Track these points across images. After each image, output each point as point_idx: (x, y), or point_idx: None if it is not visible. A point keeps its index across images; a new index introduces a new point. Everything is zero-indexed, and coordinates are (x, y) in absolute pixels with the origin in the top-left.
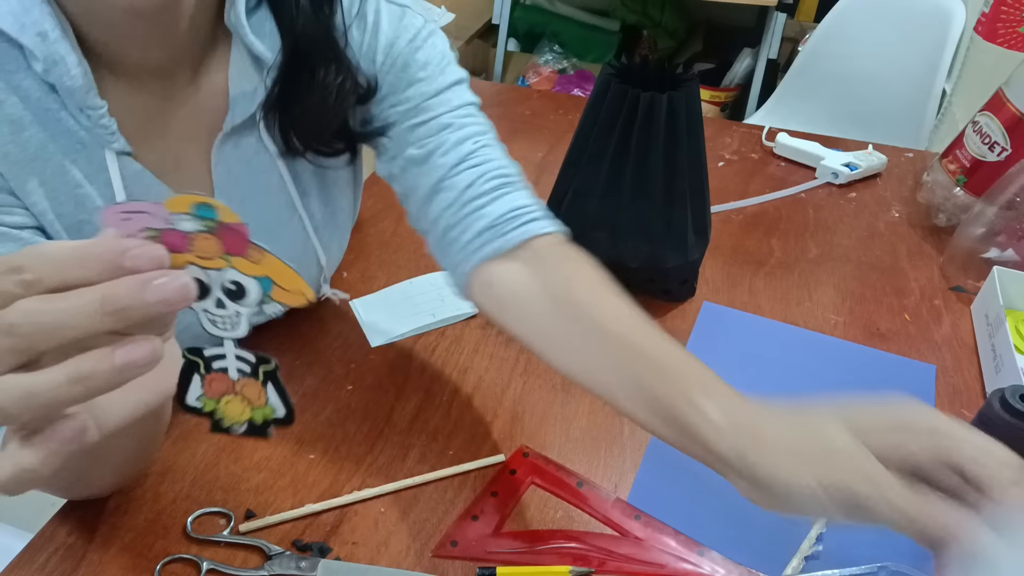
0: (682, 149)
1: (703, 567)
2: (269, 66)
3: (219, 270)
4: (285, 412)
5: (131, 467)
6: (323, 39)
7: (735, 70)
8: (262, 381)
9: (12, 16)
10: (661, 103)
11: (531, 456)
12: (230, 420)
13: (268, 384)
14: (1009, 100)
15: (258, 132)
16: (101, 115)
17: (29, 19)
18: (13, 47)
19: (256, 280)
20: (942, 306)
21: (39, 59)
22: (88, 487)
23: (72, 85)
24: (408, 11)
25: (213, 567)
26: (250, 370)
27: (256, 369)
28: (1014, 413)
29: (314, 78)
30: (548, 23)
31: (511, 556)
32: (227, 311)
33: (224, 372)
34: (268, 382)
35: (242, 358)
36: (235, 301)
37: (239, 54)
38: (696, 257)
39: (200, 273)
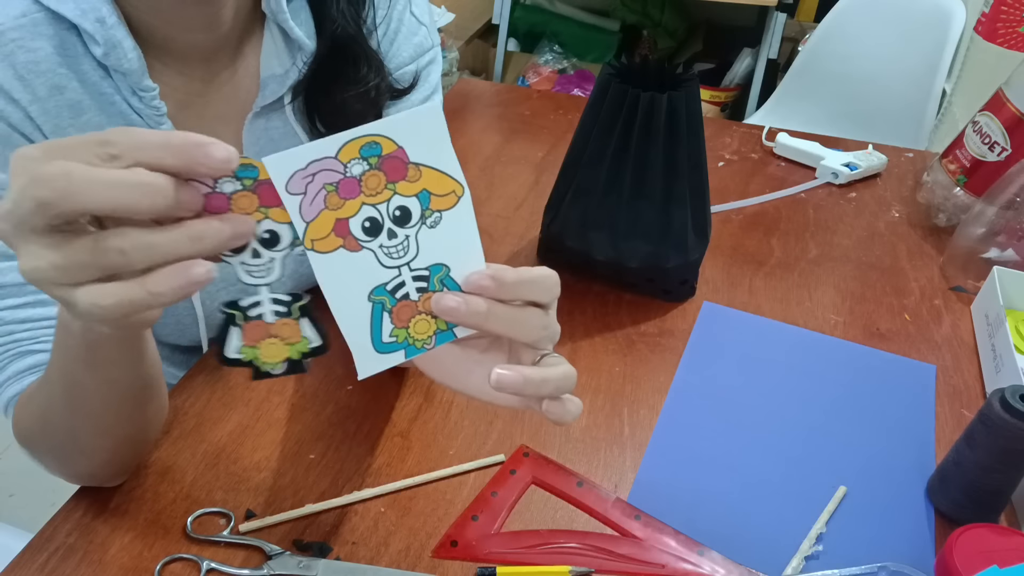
0: (682, 149)
1: (703, 567)
2: (304, 51)
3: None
4: (320, 341)
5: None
6: (355, 35)
7: (735, 70)
8: (297, 317)
9: (72, 2)
10: (661, 103)
11: (531, 456)
12: (269, 363)
13: (302, 319)
14: (1009, 100)
15: (286, 114)
16: (153, 97)
17: (88, 5)
18: (72, 33)
19: (288, 225)
20: (942, 306)
21: (99, 43)
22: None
23: (129, 68)
24: (424, 31)
25: (213, 567)
26: (286, 309)
27: (291, 306)
28: (1014, 413)
29: (352, 72)
30: (548, 23)
31: (511, 556)
32: (262, 259)
33: (260, 319)
34: (303, 316)
35: (277, 300)
36: (269, 249)
37: (271, 38)
38: (696, 257)
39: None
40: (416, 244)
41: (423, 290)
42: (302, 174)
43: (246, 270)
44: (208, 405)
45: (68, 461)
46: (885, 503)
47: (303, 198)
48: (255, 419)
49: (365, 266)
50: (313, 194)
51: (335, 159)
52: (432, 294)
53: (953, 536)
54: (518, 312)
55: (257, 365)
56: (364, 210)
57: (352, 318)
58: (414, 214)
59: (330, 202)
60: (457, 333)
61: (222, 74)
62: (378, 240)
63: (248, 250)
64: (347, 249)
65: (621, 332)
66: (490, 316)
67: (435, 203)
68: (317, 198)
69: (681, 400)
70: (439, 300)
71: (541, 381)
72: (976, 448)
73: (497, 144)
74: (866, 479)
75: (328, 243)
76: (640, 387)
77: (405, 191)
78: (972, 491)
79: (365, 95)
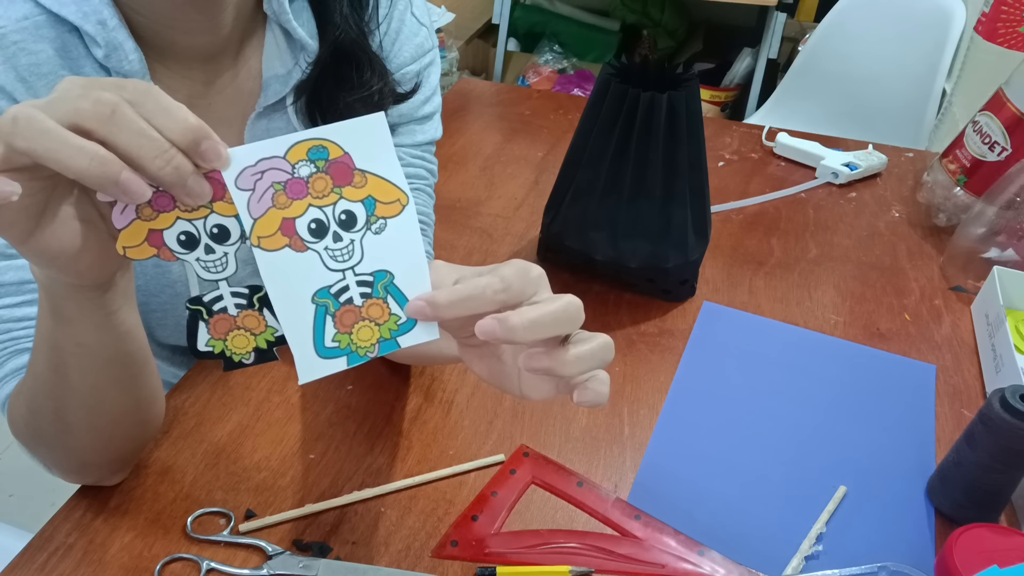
0: (682, 149)
1: (703, 567)
2: (307, 51)
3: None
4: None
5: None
6: (358, 39)
7: (735, 70)
8: (258, 308)
9: (74, 4)
10: (661, 103)
11: (531, 456)
12: (239, 354)
13: (264, 309)
14: (1009, 100)
15: (288, 115)
16: None
17: (89, 7)
18: (74, 35)
19: (235, 219)
20: (942, 306)
21: (100, 45)
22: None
23: (130, 70)
24: (424, 31)
25: (213, 567)
26: (246, 302)
27: (251, 298)
28: (1014, 413)
29: (356, 76)
30: (548, 23)
31: (511, 556)
32: (216, 254)
33: (224, 312)
34: (263, 307)
35: (237, 293)
36: (220, 243)
37: (273, 38)
38: (696, 257)
39: (188, 226)
40: (361, 249)
41: (367, 296)
42: (251, 171)
43: (202, 266)
44: (208, 405)
45: (58, 447)
46: (885, 503)
47: (251, 194)
48: (255, 419)
49: (310, 267)
50: (261, 191)
51: (283, 159)
52: (247, 312)
53: (953, 536)
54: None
55: (228, 356)
56: (311, 211)
57: (295, 319)
58: (359, 219)
59: (278, 201)
60: (401, 343)
61: (224, 75)
62: (323, 242)
63: (201, 246)
64: (293, 249)
65: (621, 332)
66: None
67: (380, 210)
68: (265, 196)
69: (681, 400)
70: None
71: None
72: (976, 448)
73: (497, 144)
74: (866, 479)
75: (274, 241)
76: (640, 387)
77: (351, 196)
78: (972, 491)
79: (369, 99)
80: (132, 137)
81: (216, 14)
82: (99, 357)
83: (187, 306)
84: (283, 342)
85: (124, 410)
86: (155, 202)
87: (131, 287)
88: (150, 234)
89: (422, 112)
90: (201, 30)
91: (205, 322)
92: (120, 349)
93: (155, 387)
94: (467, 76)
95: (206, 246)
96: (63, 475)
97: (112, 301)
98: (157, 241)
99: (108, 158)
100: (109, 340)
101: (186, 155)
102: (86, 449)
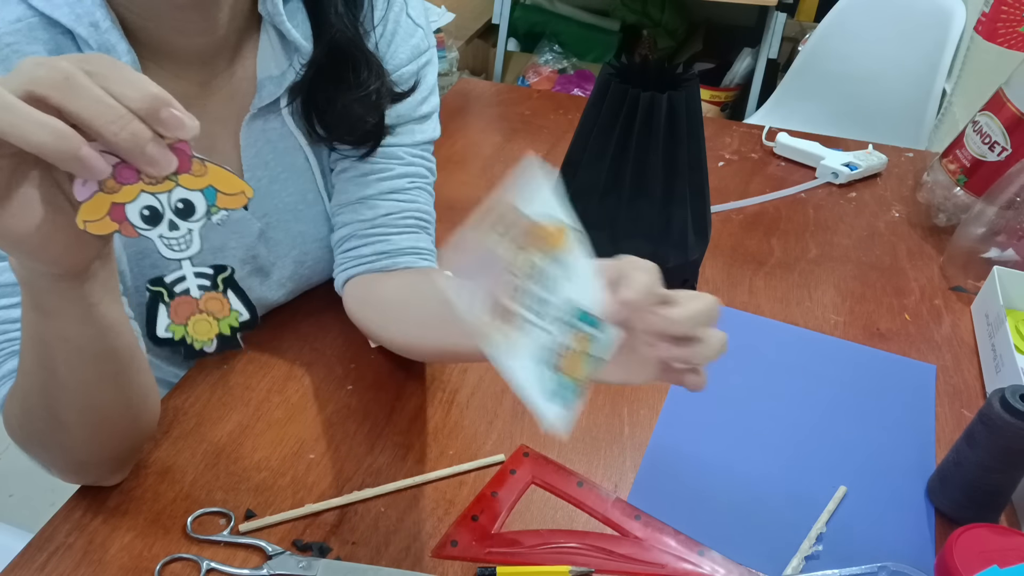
0: (682, 149)
1: (703, 567)
2: (301, 53)
3: (168, 192)
4: (249, 315)
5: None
6: (354, 38)
7: (735, 70)
8: (222, 290)
9: (67, 7)
10: (661, 103)
11: (531, 456)
12: (200, 340)
13: (228, 291)
14: (1009, 100)
15: (283, 116)
16: None
17: (82, 9)
18: (67, 37)
19: (201, 193)
20: (942, 306)
21: (93, 48)
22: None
23: None
24: (420, 32)
25: (213, 567)
26: (210, 283)
27: (215, 279)
28: (1014, 413)
29: (352, 77)
30: (548, 23)
31: (511, 556)
32: (180, 231)
33: (187, 293)
34: (228, 289)
35: (200, 274)
36: (185, 220)
37: (267, 40)
38: (696, 257)
39: (152, 200)
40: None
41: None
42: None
43: (165, 243)
44: (208, 405)
45: (53, 446)
46: (885, 503)
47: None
48: (255, 419)
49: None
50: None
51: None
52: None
53: (953, 536)
54: None
55: (189, 344)
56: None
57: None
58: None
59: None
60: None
61: (219, 77)
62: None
63: (165, 222)
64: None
65: None
66: None
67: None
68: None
69: (681, 400)
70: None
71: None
72: (976, 448)
73: (497, 144)
74: (866, 479)
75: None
76: (640, 387)
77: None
78: (972, 491)
79: (366, 99)
80: (88, 103)
81: (213, 15)
82: (85, 352)
83: (147, 287)
84: (247, 328)
85: (115, 407)
86: (118, 174)
87: (113, 280)
88: (112, 208)
89: (420, 112)
90: (197, 31)
91: (166, 305)
92: (106, 344)
93: (146, 385)
94: (467, 76)
95: (170, 222)
96: (61, 475)
97: (92, 293)
98: (119, 215)
99: (67, 132)
100: (93, 334)
101: (146, 124)
102: (81, 448)
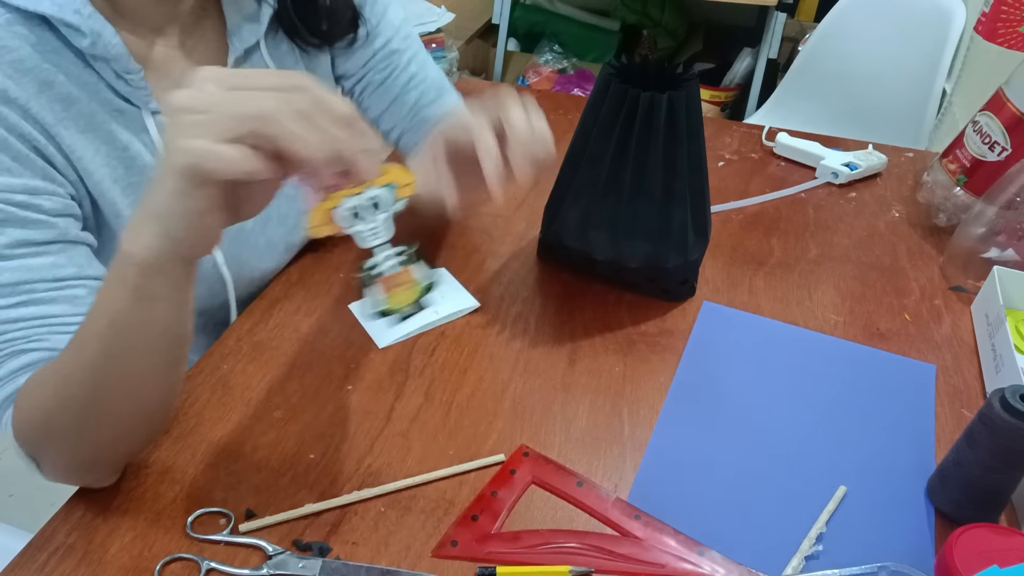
0: (682, 149)
1: (703, 567)
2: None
3: (363, 193)
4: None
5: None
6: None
7: (735, 70)
8: (413, 262)
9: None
10: (661, 103)
11: (531, 456)
12: (403, 306)
13: (417, 263)
14: (1009, 100)
15: (262, 56)
16: (140, 79)
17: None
18: (45, 28)
19: (385, 188)
20: (942, 306)
21: (86, 35)
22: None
23: (115, 53)
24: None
25: (213, 567)
26: (405, 258)
27: (407, 254)
28: (1014, 413)
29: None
30: (548, 23)
31: (511, 556)
32: (375, 224)
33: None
34: (413, 262)
35: (394, 254)
36: (377, 213)
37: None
38: (696, 257)
39: (354, 201)
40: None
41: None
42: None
43: (364, 236)
44: (208, 405)
45: (74, 441)
46: (885, 503)
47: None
48: (255, 419)
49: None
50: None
51: None
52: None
53: (953, 536)
54: None
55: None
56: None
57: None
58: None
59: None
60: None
61: (192, 36)
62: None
63: (362, 218)
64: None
65: (621, 332)
66: None
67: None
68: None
69: (681, 400)
70: None
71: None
72: (976, 448)
73: None
74: (866, 479)
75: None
76: (640, 387)
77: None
78: (972, 491)
79: None
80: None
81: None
82: (165, 335)
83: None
84: (430, 289)
85: (162, 398)
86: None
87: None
88: (327, 213)
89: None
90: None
91: (374, 286)
92: (185, 328)
93: (182, 376)
94: (467, 76)
95: (366, 218)
96: (64, 474)
97: (193, 275)
98: (330, 218)
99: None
100: (180, 318)
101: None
102: (106, 445)
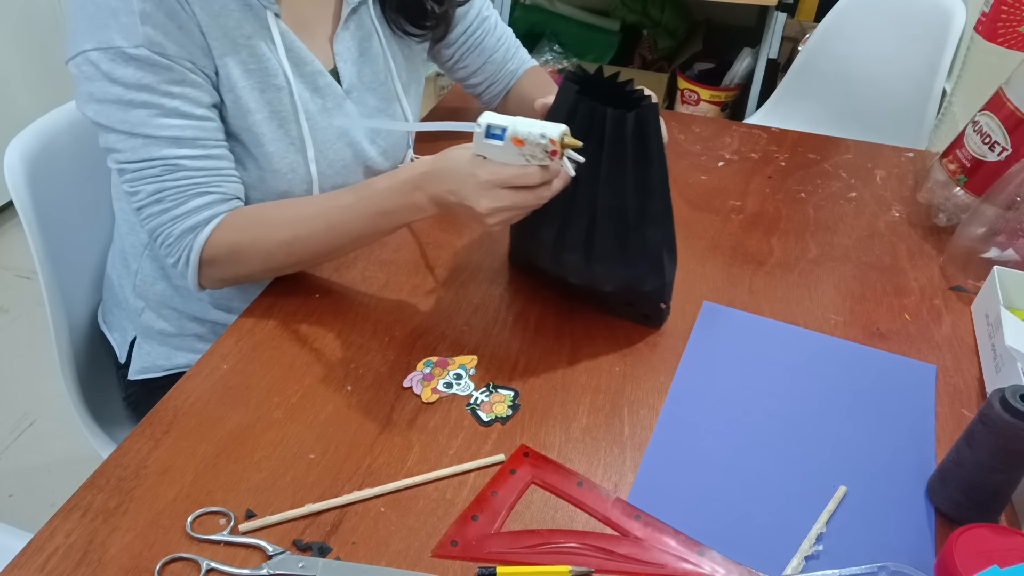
0: (654, 168)
1: (703, 567)
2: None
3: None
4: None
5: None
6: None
7: (735, 70)
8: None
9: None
10: (627, 120)
11: (531, 456)
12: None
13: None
14: (1009, 100)
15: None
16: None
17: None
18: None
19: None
20: (942, 306)
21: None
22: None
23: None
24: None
25: (213, 567)
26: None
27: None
28: (1014, 413)
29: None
30: (548, 23)
31: (511, 556)
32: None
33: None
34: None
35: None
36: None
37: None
38: (671, 279)
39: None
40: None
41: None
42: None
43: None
44: (208, 405)
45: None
46: (885, 503)
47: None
48: (255, 419)
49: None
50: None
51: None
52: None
53: (953, 536)
54: None
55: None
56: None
57: None
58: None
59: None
60: None
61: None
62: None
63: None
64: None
65: (621, 332)
66: None
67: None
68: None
69: (681, 400)
70: None
71: None
72: (976, 448)
73: None
74: (866, 479)
75: None
76: (640, 387)
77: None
78: (972, 491)
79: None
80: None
81: None
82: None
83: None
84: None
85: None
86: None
87: None
88: None
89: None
90: None
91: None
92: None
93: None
94: None
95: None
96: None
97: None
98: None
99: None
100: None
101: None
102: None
